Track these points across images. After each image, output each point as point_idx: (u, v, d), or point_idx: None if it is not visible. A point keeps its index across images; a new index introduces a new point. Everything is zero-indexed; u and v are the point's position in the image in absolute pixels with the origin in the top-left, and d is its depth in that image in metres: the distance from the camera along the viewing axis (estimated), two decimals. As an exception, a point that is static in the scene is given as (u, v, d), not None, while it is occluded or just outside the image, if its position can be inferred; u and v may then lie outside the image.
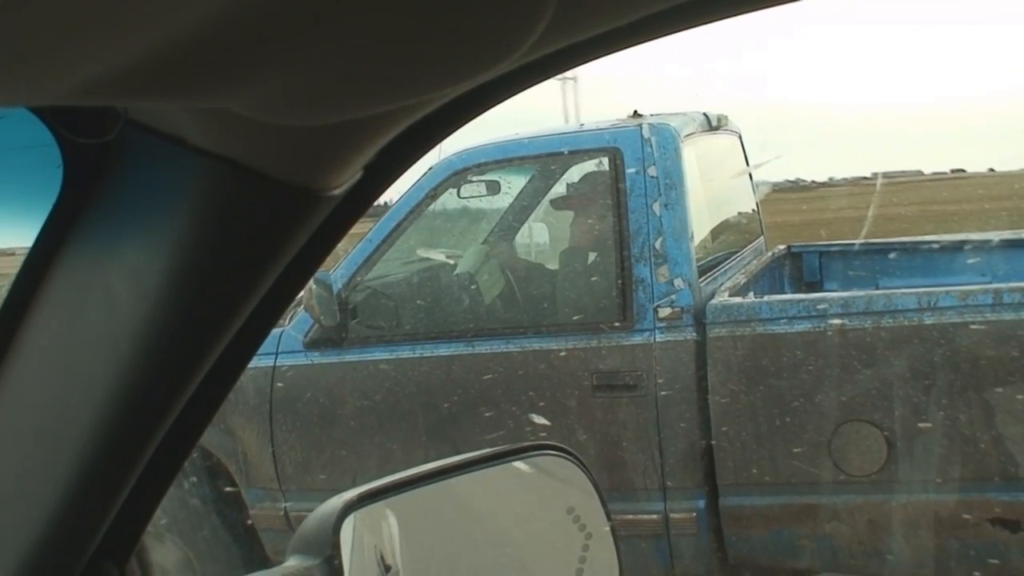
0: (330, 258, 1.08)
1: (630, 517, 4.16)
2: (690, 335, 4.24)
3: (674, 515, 4.26)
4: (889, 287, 5.12)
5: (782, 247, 6.05)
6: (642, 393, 4.25)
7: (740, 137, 5.79)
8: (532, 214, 5.34)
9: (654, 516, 4.27)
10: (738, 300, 4.33)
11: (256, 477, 4.76)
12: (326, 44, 0.60)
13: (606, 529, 1.30)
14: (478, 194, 4.91)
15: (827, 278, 6.01)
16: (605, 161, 4.53)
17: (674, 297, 4.28)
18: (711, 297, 4.36)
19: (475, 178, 4.78)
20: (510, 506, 1.35)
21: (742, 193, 5.89)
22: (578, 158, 4.80)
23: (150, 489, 0.97)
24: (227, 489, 4.83)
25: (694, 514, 4.26)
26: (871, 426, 4.00)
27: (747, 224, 5.90)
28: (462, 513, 1.28)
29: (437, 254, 4.94)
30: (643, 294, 4.31)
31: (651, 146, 4.42)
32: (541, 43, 0.66)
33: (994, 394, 3.86)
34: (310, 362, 4.65)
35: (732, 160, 5.73)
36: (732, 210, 5.77)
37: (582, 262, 4.68)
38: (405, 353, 4.57)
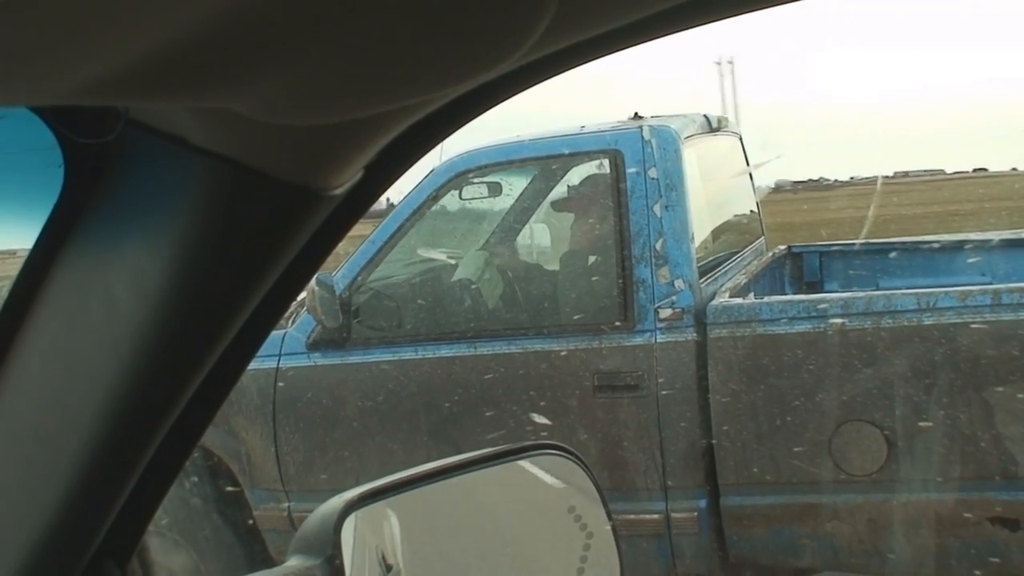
0: (332, 260, 1.08)
1: (631, 517, 4.16)
2: (691, 336, 4.24)
3: (675, 515, 4.26)
4: (889, 287, 5.12)
5: (782, 247, 6.05)
6: (643, 393, 4.25)
7: (740, 138, 5.80)
8: (533, 215, 5.34)
9: (655, 516, 4.27)
10: (738, 301, 4.33)
11: (260, 478, 4.77)
12: (327, 44, 0.60)
13: (607, 528, 1.30)
14: (480, 195, 4.91)
15: (827, 278, 6.01)
16: (606, 163, 4.53)
17: (675, 298, 4.28)
18: (712, 298, 4.37)
19: (477, 180, 4.79)
20: (511, 505, 1.34)
21: (743, 194, 5.89)
22: (579, 160, 4.80)
23: (152, 489, 0.97)
24: (228, 489, 4.84)
25: (695, 513, 4.26)
26: (871, 426, 4.00)
27: (748, 225, 5.90)
28: (463, 512, 1.28)
29: (438, 254, 4.95)
30: (644, 295, 4.31)
31: (652, 148, 4.42)
32: (542, 43, 0.66)
33: (994, 393, 3.86)
34: (313, 363, 4.65)
35: (732, 161, 5.74)
36: (733, 211, 5.77)
37: (583, 263, 4.68)
38: (407, 354, 4.58)
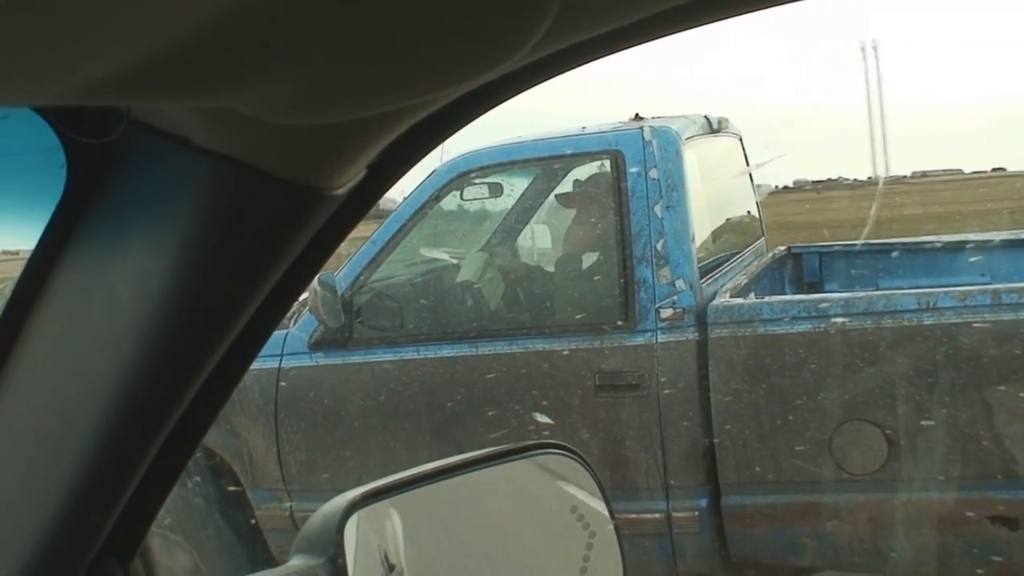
0: (334, 260, 1.08)
1: (633, 516, 4.16)
2: (692, 335, 4.24)
3: (677, 514, 4.26)
4: (890, 287, 5.12)
5: (782, 248, 6.05)
6: (644, 393, 4.25)
7: (741, 139, 5.80)
8: (534, 216, 5.34)
9: (657, 515, 4.27)
10: (739, 301, 4.33)
11: (262, 478, 4.77)
12: (329, 44, 0.60)
13: (609, 527, 1.30)
14: (481, 196, 4.92)
15: (827, 278, 6.01)
16: (607, 163, 4.53)
17: (676, 298, 4.28)
18: (712, 298, 4.36)
19: (478, 180, 4.79)
20: (514, 505, 1.35)
21: (743, 194, 5.90)
22: (580, 160, 4.80)
23: (154, 489, 0.97)
24: (231, 488, 4.84)
25: (696, 513, 4.26)
26: (872, 425, 4.00)
27: (748, 225, 5.90)
28: (465, 512, 1.28)
29: (440, 253, 4.95)
30: (645, 295, 4.31)
31: (652, 148, 4.42)
32: (544, 43, 0.67)
33: (994, 393, 3.86)
34: (315, 363, 4.65)
35: (733, 162, 5.74)
36: (733, 211, 5.77)
37: (584, 263, 4.68)
38: (409, 354, 4.57)
